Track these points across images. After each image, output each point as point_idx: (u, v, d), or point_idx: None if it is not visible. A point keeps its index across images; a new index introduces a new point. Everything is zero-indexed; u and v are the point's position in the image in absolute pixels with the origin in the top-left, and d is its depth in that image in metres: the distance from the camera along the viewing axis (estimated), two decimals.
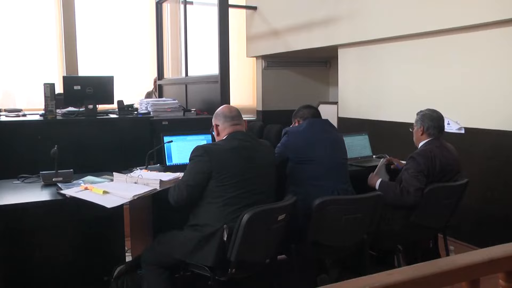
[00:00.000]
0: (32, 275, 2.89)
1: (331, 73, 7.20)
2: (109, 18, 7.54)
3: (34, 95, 6.67)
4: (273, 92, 7.01)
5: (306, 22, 5.67)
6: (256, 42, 6.78)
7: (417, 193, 2.96)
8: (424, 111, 3.21)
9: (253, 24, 6.77)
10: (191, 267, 2.57)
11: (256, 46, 6.82)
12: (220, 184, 2.48)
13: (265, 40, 6.51)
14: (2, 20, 6.84)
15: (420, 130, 3.18)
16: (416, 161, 3.03)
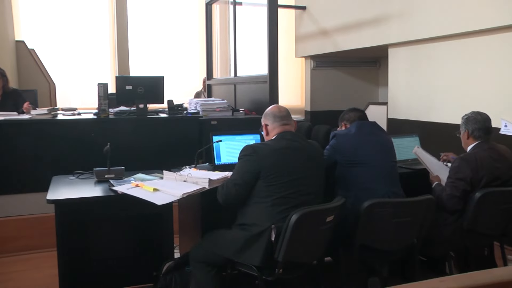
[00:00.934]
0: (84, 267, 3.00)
1: (380, 73, 7.06)
2: (160, 19, 7.71)
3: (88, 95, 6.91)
4: (322, 92, 6.95)
5: (355, 21, 5.59)
6: (305, 42, 6.74)
7: (451, 200, 2.89)
8: (468, 114, 3.11)
9: (302, 24, 6.74)
10: (238, 265, 2.58)
11: (305, 46, 6.78)
12: (268, 184, 2.47)
13: (314, 40, 6.47)
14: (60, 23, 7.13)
15: (466, 134, 3.09)
16: (457, 166, 2.94)
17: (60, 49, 7.18)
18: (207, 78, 6.58)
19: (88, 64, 7.36)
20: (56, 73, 6.91)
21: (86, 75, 7.28)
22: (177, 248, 3.44)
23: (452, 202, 2.90)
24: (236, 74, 5.76)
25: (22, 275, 3.71)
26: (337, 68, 7.00)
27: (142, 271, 3.17)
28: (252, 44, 6.20)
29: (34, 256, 4.00)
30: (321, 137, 5.46)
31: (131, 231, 3.13)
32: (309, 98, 6.99)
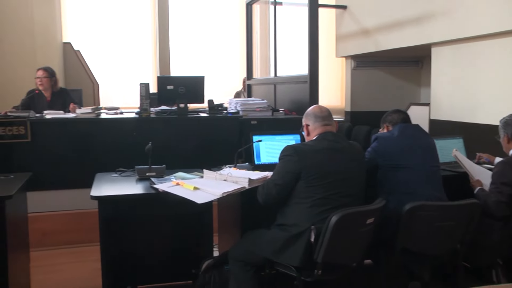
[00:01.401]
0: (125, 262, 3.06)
1: (423, 73, 6.91)
2: (200, 20, 7.80)
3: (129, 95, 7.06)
4: (362, 92, 6.86)
5: (397, 20, 5.49)
6: (346, 42, 6.67)
7: (499, 206, 2.79)
8: (506, 118, 3.02)
9: (343, 24, 6.67)
10: (277, 266, 2.58)
11: (346, 46, 6.71)
12: (309, 184, 2.46)
13: (355, 39, 6.39)
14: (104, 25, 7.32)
15: (506, 138, 2.99)
16: (501, 171, 2.84)
17: (104, 50, 7.37)
18: (247, 78, 6.61)
19: (130, 65, 7.53)
20: (99, 73, 7.10)
21: (128, 75, 7.44)
22: (216, 246, 3.47)
23: (500, 208, 2.80)
24: (276, 74, 5.76)
25: (67, 267, 3.84)
26: (378, 68, 6.89)
27: (181, 269, 3.21)
28: (292, 44, 6.19)
29: (79, 249, 4.13)
30: (361, 138, 5.41)
31: (171, 228, 3.17)
32: (349, 98, 6.91)
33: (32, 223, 3.55)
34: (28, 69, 5.50)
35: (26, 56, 6.04)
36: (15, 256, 2.96)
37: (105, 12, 7.34)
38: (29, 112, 4.37)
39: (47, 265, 3.82)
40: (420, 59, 6.86)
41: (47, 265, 3.82)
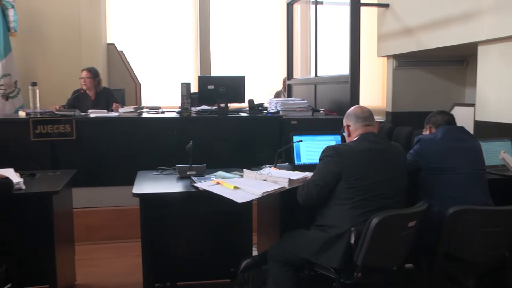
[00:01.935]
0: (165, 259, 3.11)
1: (468, 73, 6.70)
2: (241, 20, 7.84)
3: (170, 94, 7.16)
4: (404, 93, 6.72)
5: (442, 18, 5.34)
6: (387, 41, 6.56)
7: None
8: None
9: (385, 23, 6.55)
10: (316, 267, 2.56)
11: (387, 45, 6.59)
12: (349, 186, 2.44)
13: (397, 38, 6.27)
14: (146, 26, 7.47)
15: None
16: None
17: (146, 51, 7.52)
18: (287, 78, 6.60)
19: (172, 65, 7.64)
20: (141, 73, 7.24)
21: (169, 75, 7.56)
22: (255, 246, 3.47)
23: None
24: (316, 74, 5.72)
25: (109, 262, 3.94)
26: (420, 68, 6.74)
27: (220, 267, 3.24)
28: (333, 44, 6.14)
29: (119, 245, 4.24)
30: (403, 139, 5.30)
31: (210, 227, 3.20)
32: (390, 98, 6.79)
33: (76, 218, 3.66)
34: (74, 69, 5.67)
35: (73, 57, 6.23)
36: (62, 249, 3.06)
37: (147, 13, 7.48)
38: (75, 111, 4.50)
39: (90, 258, 3.93)
40: (465, 58, 6.67)
41: (91, 258, 3.94)
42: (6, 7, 5.72)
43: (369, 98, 7.07)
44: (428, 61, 6.67)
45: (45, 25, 6.21)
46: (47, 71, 6.17)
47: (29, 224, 2.90)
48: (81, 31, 6.33)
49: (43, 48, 6.23)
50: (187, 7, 7.64)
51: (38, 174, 3.21)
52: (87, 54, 6.31)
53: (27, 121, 4.27)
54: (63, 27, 6.25)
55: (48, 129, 4.29)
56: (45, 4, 6.18)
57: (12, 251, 2.64)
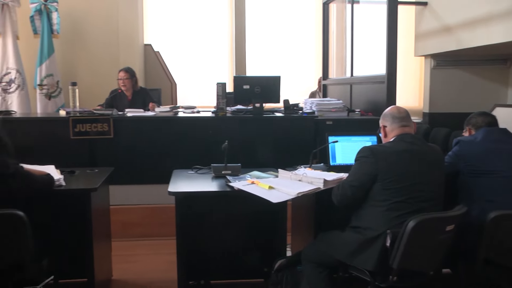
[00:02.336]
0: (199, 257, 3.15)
1: (511, 72, 6.50)
2: (276, 20, 7.83)
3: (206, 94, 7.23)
4: (442, 93, 6.56)
5: (484, 15, 5.18)
6: (425, 40, 6.42)
7: None
8: None
9: (423, 21, 6.42)
10: (351, 269, 2.54)
11: (425, 44, 6.45)
12: (385, 187, 2.40)
13: (435, 37, 6.13)
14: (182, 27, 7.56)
15: None
16: None
17: (182, 51, 7.61)
18: (322, 78, 6.56)
19: (207, 65, 7.71)
20: (177, 73, 7.33)
21: (205, 75, 7.62)
22: (289, 246, 3.47)
23: None
24: (352, 74, 5.66)
25: (144, 258, 4.01)
26: (459, 68, 6.57)
27: (253, 266, 3.25)
28: (369, 43, 6.06)
29: (154, 242, 4.30)
30: (440, 141, 5.19)
31: (245, 226, 3.22)
32: (427, 99, 6.65)
33: (113, 215, 3.73)
34: (112, 69, 5.78)
35: (111, 58, 6.36)
36: (99, 244, 3.13)
37: (183, 14, 7.57)
38: (112, 110, 4.59)
39: (126, 255, 4.00)
40: (508, 57, 6.46)
41: (126, 255, 4.01)
42: (51, 11, 5.91)
43: (406, 99, 6.94)
44: (468, 60, 6.50)
45: (86, 28, 6.36)
46: (86, 72, 6.32)
47: (68, 220, 2.99)
48: (119, 33, 6.46)
49: (83, 49, 6.39)
50: (222, 7, 7.70)
51: (77, 171, 3.29)
52: (125, 55, 6.43)
53: (67, 119, 4.39)
54: (102, 29, 6.39)
55: (87, 127, 4.40)
56: (86, 8, 6.33)
57: (53, 245, 2.71)
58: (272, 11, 7.85)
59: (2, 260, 2.39)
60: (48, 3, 5.89)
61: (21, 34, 5.96)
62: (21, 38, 5.96)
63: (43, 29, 5.88)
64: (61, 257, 2.79)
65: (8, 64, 5.83)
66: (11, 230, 2.36)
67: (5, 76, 5.83)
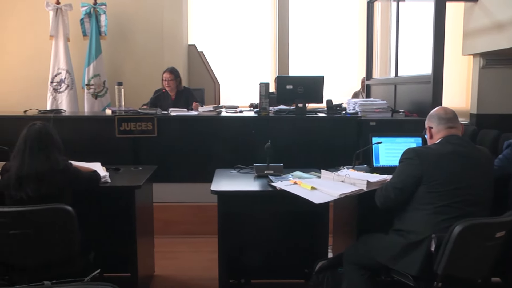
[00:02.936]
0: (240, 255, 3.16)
1: None
2: (319, 19, 7.78)
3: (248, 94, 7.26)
4: (491, 93, 6.33)
5: None
6: (474, 38, 6.21)
7: None
8: None
9: (472, 18, 6.21)
10: (393, 273, 2.49)
11: (474, 43, 6.24)
12: (430, 190, 2.34)
13: (485, 35, 5.92)
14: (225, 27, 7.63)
15: None
16: None
17: (225, 51, 7.67)
18: (366, 78, 6.47)
19: (250, 65, 7.74)
20: (220, 73, 7.39)
21: (248, 75, 7.66)
22: (330, 248, 3.44)
23: None
24: (397, 74, 5.55)
25: (185, 256, 4.07)
26: (511, 67, 6.33)
27: (294, 267, 3.24)
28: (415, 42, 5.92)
29: (196, 240, 4.35)
30: (488, 143, 5.01)
31: (286, 227, 3.21)
32: (475, 99, 6.43)
33: (155, 212, 3.81)
34: (156, 69, 5.89)
35: (156, 58, 6.48)
36: (142, 240, 3.20)
37: (227, 14, 7.63)
38: (156, 110, 4.68)
39: (168, 251, 4.07)
40: None
41: (168, 251, 4.08)
42: (99, 14, 6.10)
43: (452, 99, 6.74)
44: None
45: (132, 29, 6.51)
46: (132, 72, 6.47)
47: (113, 216, 3.07)
48: (164, 34, 6.58)
49: (129, 50, 6.54)
50: (266, 7, 7.71)
51: (122, 169, 3.38)
52: (169, 55, 6.54)
53: (113, 118, 4.51)
54: (147, 31, 6.52)
55: (132, 126, 4.50)
56: (133, 10, 6.48)
57: (98, 240, 2.79)
58: (316, 10, 7.80)
59: (52, 252, 2.48)
60: (97, 6, 6.08)
61: (72, 36, 6.17)
62: (72, 40, 6.16)
63: (91, 31, 6.07)
64: (106, 252, 2.86)
65: (59, 65, 6.05)
66: (60, 224, 2.45)
67: (56, 77, 6.05)
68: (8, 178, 2.54)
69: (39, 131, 2.60)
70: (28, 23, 6.35)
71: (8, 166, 2.60)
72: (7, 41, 6.41)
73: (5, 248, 2.47)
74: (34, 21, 6.31)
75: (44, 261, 2.49)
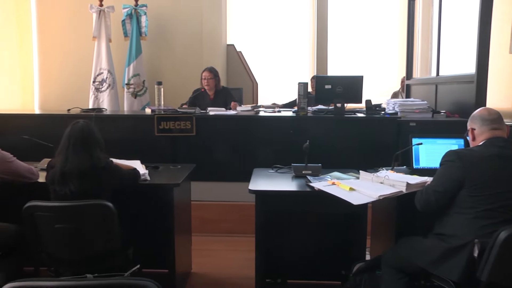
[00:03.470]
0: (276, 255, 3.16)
1: None
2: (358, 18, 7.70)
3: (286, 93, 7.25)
4: None
5: None
6: None
7: None
8: None
9: None
10: (433, 277, 2.42)
11: None
12: (473, 194, 2.27)
13: None
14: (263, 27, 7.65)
15: None
16: None
17: (263, 50, 7.69)
18: (406, 78, 6.34)
19: (288, 64, 7.73)
20: (258, 72, 7.41)
21: (286, 75, 7.65)
22: (368, 250, 3.39)
23: None
24: (438, 74, 5.41)
25: (222, 254, 4.10)
26: None
27: (331, 268, 3.21)
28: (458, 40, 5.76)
29: (233, 239, 4.37)
30: None
31: (324, 227, 3.19)
32: None
33: (193, 210, 3.85)
34: (195, 69, 5.95)
35: (195, 58, 6.55)
36: (180, 238, 3.25)
37: (266, 14, 7.66)
38: (195, 109, 4.73)
39: (205, 249, 4.11)
40: None
41: (205, 249, 4.12)
42: (140, 15, 6.22)
43: (497, 100, 6.52)
44: None
45: (171, 29, 6.61)
46: (171, 71, 6.56)
47: (152, 213, 3.12)
48: (203, 34, 6.64)
49: (168, 50, 6.64)
50: (304, 6, 7.68)
51: (161, 167, 3.43)
52: (208, 55, 6.60)
53: (152, 117, 4.58)
54: (187, 31, 6.60)
55: (171, 125, 4.56)
56: (172, 11, 6.58)
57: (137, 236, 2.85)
58: (355, 8, 7.72)
59: (94, 247, 2.55)
60: (138, 8, 6.20)
61: (113, 37, 6.32)
62: (113, 40, 6.31)
63: (132, 32, 6.20)
64: (144, 248, 2.91)
65: (101, 65, 6.20)
66: (101, 220, 2.51)
67: (98, 76, 6.20)
68: (53, 174, 2.62)
69: (82, 129, 2.67)
70: (72, 25, 6.55)
71: (53, 163, 2.68)
72: (52, 43, 6.62)
73: (51, 241, 2.56)
74: (78, 23, 6.49)
75: (86, 255, 2.57)
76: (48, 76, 6.67)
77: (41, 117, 4.97)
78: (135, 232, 2.84)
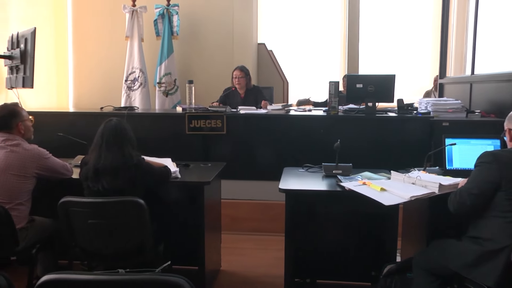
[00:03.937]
0: (306, 255, 3.14)
1: None
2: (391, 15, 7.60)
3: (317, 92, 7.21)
4: None
5: None
6: None
7: None
8: None
9: None
10: (467, 282, 2.36)
11: None
12: (510, 197, 2.21)
13: None
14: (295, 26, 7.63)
15: None
16: None
17: (294, 49, 7.67)
18: (439, 77, 6.22)
19: (319, 63, 7.69)
20: (289, 71, 7.39)
21: (316, 74, 7.61)
22: (398, 251, 3.34)
23: None
24: (473, 72, 5.28)
25: (252, 252, 4.11)
26: None
27: (361, 269, 3.19)
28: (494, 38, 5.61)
29: (262, 237, 4.39)
30: None
31: (354, 227, 3.16)
32: None
33: (223, 208, 3.87)
34: (226, 68, 5.99)
35: (225, 57, 6.58)
36: (210, 235, 3.27)
37: (297, 13, 7.63)
38: (226, 107, 4.75)
39: (234, 247, 4.13)
40: None
41: (235, 247, 4.14)
42: (172, 14, 6.30)
43: None
44: None
45: (203, 29, 6.66)
46: (202, 70, 6.61)
47: (182, 210, 3.16)
48: (234, 33, 6.67)
49: (199, 49, 6.69)
50: (336, 5, 7.63)
51: (191, 165, 3.47)
52: (239, 54, 6.62)
53: (183, 116, 4.62)
54: (218, 30, 6.64)
55: (201, 123, 4.60)
56: (204, 10, 6.63)
57: (168, 233, 2.88)
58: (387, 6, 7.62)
59: (126, 243, 2.60)
60: (170, 8, 6.27)
61: (145, 37, 6.41)
62: (145, 40, 6.40)
63: (164, 31, 6.27)
64: (175, 244, 2.95)
65: (133, 64, 6.30)
66: (133, 216, 2.56)
67: (130, 75, 6.31)
68: (86, 170, 2.68)
69: (115, 127, 2.72)
70: (105, 26, 6.67)
71: (86, 159, 2.74)
72: (86, 43, 6.76)
73: (84, 236, 2.62)
74: (111, 23, 6.61)
75: (118, 250, 2.62)
76: (82, 75, 6.81)
77: (75, 115, 5.09)
78: (166, 229, 2.87)
